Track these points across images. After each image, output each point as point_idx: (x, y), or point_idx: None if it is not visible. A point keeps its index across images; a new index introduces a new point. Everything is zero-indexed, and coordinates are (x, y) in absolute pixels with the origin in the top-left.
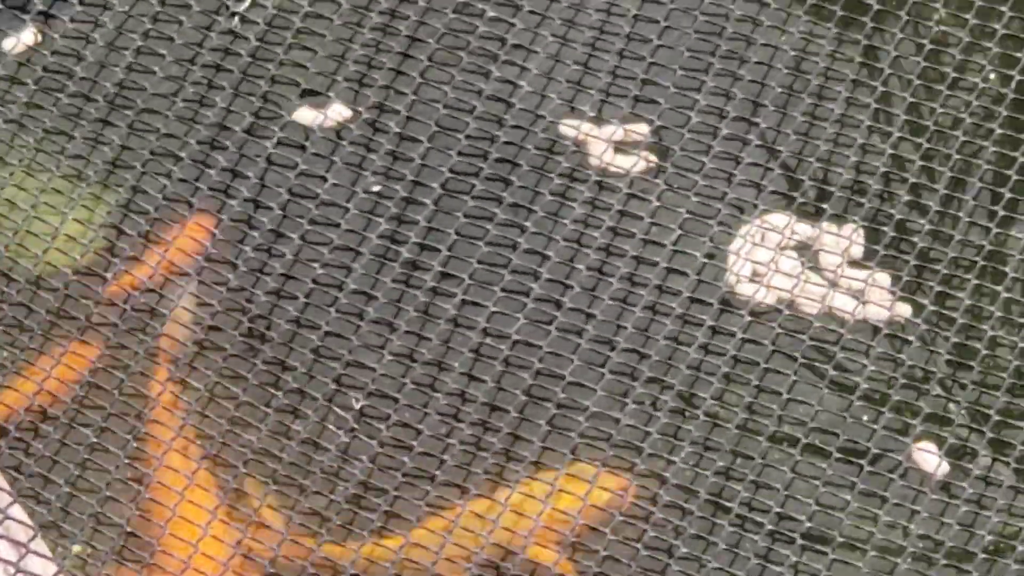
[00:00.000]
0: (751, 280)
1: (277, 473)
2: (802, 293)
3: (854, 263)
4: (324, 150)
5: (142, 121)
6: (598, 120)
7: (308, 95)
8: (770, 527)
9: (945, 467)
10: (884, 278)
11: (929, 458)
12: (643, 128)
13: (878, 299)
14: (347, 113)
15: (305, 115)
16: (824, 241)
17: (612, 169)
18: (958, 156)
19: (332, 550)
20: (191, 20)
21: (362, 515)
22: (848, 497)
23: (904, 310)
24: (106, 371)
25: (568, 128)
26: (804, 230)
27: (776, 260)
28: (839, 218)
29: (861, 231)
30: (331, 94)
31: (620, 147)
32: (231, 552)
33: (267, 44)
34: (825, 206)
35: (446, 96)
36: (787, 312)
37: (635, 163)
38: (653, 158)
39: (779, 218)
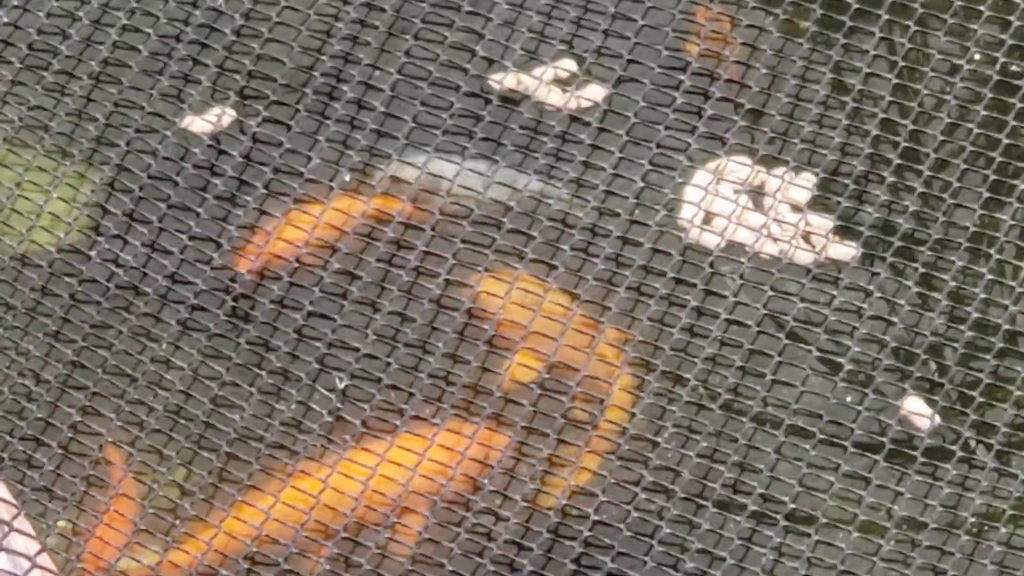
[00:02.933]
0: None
1: (260, 453)
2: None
3: (798, 208)
4: (307, 128)
5: (127, 99)
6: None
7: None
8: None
9: (936, 420)
10: (822, 221)
11: (920, 414)
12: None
13: (816, 243)
14: None
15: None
16: (770, 186)
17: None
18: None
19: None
20: None
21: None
22: (830, 477)
23: (843, 253)
24: (90, 350)
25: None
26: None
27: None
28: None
29: (810, 177)
30: (315, 72)
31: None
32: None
33: (251, 22)
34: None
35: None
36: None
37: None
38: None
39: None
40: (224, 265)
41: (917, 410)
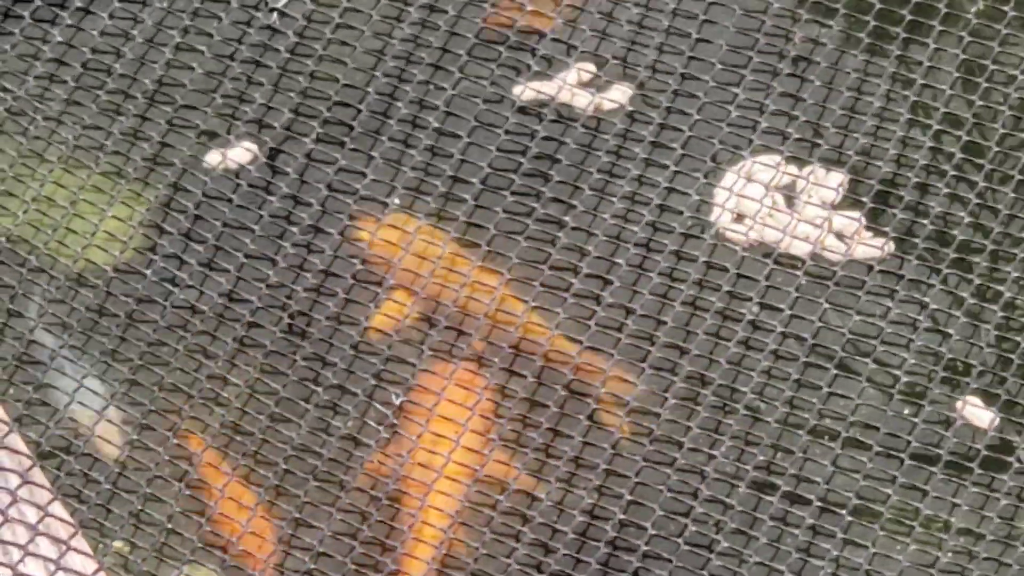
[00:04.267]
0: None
1: (318, 469)
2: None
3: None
4: (362, 145)
5: (181, 117)
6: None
7: (347, 89)
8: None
9: (996, 420)
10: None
11: (980, 413)
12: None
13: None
14: None
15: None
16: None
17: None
18: (945, 110)
19: None
20: (229, 16)
21: (403, 511)
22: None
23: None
24: (147, 368)
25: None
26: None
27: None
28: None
29: (843, 178)
30: (369, 89)
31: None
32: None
33: (305, 40)
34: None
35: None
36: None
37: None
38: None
39: (768, 159)
40: (280, 282)
41: (976, 410)
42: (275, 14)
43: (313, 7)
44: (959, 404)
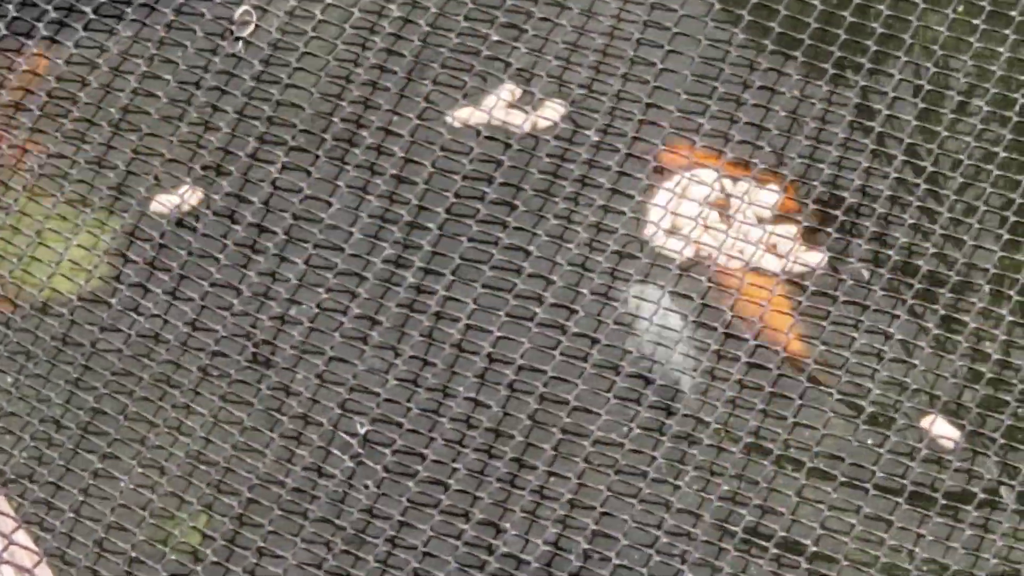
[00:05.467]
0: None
1: (281, 499)
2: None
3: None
4: (327, 173)
5: (146, 146)
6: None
7: (313, 117)
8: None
9: (954, 432)
10: (788, 229)
11: (947, 430)
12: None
13: (786, 250)
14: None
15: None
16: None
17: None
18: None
19: None
20: (195, 44)
21: (368, 541)
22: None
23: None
24: (111, 397)
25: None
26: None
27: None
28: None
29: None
30: (335, 118)
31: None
32: None
33: (271, 67)
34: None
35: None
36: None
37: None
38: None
39: (705, 173)
40: (244, 311)
41: (943, 431)
42: (240, 43)
43: (279, 36)
44: (927, 421)
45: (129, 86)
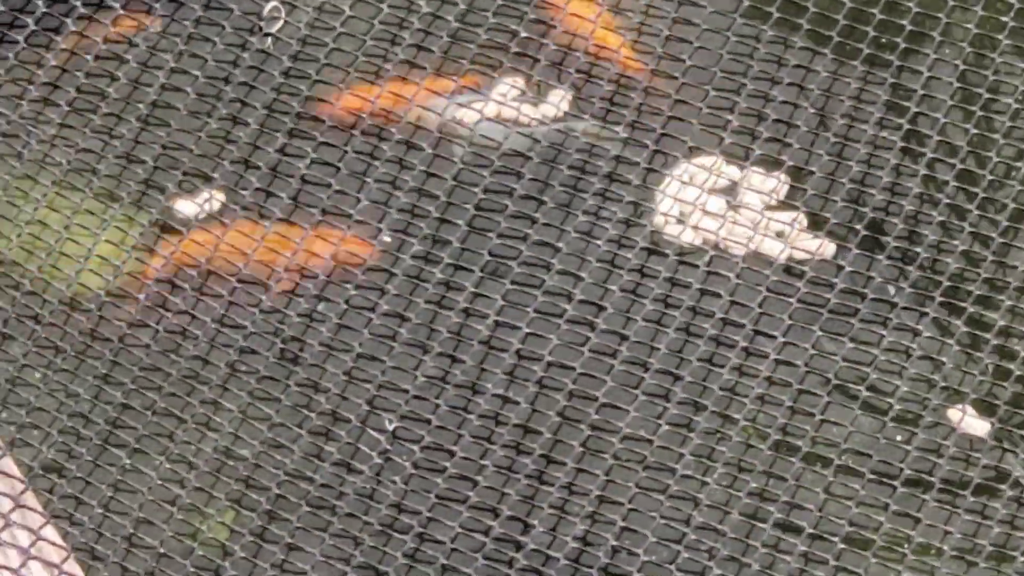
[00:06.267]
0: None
1: (310, 495)
2: (729, 234)
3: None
4: (356, 168)
5: (175, 141)
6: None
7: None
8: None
9: (987, 427)
10: (803, 219)
11: (976, 424)
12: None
13: (800, 240)
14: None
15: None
16: (749, 183)
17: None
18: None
19: None
20: (223, 40)
21: (395, 537)
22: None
23: (829, 250)
24: (139, 392)
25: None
26: (731, 172)
27: (703, 201)
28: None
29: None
30: (363, 114)
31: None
32: None
33: (299, 62)
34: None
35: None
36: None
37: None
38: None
39: (707, 159)
40: (274, 308)
41: (971, 423)
42: (269, 39)
43: (307, 32)
44: (956, 413)
45: (157, 82)
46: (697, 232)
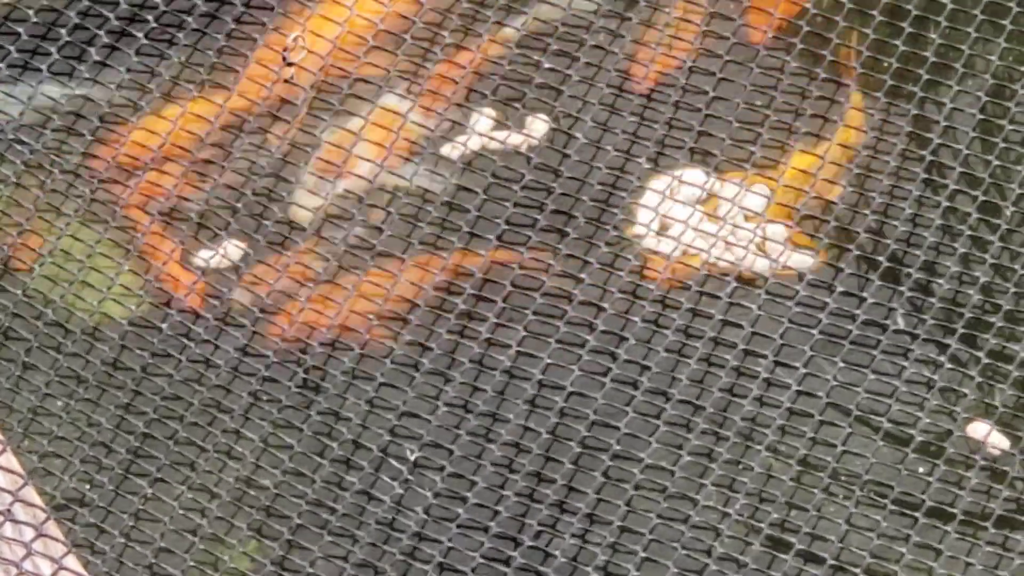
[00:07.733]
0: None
1: (331, 524)
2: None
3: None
4: (379, 200)
5: (197, 171)
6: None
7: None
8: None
9: (1003, 441)
10: (778, 230)
11: (984, 433)
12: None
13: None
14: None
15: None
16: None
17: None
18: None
19: None
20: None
21: (416, 567)
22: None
23: (802, 262)
24: (161, 422)
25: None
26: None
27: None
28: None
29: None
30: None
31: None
32: None
33: (322, 94)
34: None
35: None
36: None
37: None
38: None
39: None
40: (296, 337)
41: (989, 437)
42: (292, 69)
43: (330, 62)
44: (976, 428)
45: (180, 110)
46: (716, 265)
